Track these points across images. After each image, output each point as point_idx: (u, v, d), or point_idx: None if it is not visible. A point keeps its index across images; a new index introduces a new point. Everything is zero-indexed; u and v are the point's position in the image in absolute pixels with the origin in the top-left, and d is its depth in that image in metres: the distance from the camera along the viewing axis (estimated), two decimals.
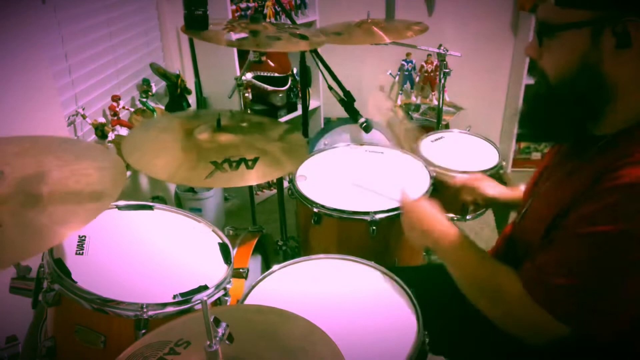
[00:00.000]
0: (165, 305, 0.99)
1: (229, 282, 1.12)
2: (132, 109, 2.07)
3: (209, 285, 1.06)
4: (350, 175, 1.60)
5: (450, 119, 2.85)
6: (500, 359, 1.01)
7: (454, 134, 2.00)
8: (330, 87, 1.55)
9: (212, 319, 0.70)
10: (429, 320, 0.99)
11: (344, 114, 1.54)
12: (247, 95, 1.70)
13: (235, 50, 2.38)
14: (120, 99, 1.95)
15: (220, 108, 2.48)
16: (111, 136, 1.84)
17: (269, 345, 0.80)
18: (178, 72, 2.30)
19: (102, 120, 1.83)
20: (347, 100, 1.51)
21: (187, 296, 1.02)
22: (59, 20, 1.66)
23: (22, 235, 0.77)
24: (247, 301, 1.07)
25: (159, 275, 1.09)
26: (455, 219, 1.78)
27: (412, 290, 1.07)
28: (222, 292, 1.09)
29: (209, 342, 0.70)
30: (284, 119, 2.76)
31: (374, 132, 1.56)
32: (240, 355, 0.76)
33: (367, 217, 1.37)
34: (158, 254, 1.15)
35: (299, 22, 2.55)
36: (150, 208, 1.30)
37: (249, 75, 1.69)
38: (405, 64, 3.04)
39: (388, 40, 1.85)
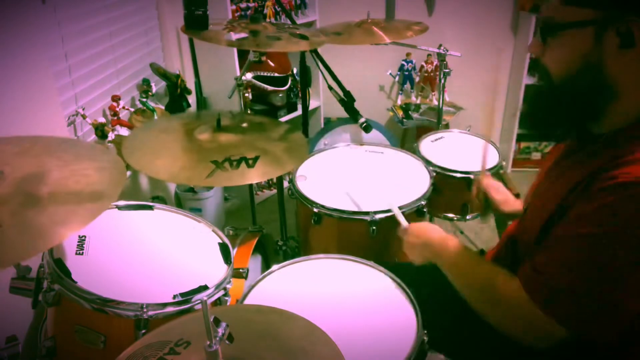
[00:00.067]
0: (165, 305, 0.99)
1: (229, 282, 1.12)
2: (132, 109, 2.07)
3: (209, 285, 1.06)
4: (350, 175, 1.59)
5: (450, 119, 2.86)
6: (500, 357, 1.01)
7: (454, 134, 2.00)
8: (330, 87, 1.55)
9: (212, 319, 0.70)
10: (428, 320, 0.99)
11: (344, 114, 1.55)
12: (247, 95, 1.70)
13: (235, 50, 2.38)
14: (120, 99, 1.95)
15: (220, 108, 2.49)
16: (111, 136, 1.84)
17: (269, 345, 0.80)
18: (178, 72, 2.30)
19: (102, 120, 1.83)
20: (347, 100, 1.51)
21: (187, 296, 1.02)
22: (59, 20, 1.66)
23: (22, 235, 0.77)
24: (247, 301, 1.07)
25: (159, 275, 1.09)
26: (455, 219, 1.78)
27: (411, 290, 1.07)
28: (222, 292, 1.09)
29: (209, 342, 0.70)
30: (284, 119, 2.76)
31: (374, 132, 1.56)
32: (240, 355, 0.76)
33: (367, 217, 1.37)
34: (158, 254, 1.15)
35: (299, 22, 2.55)
36: (150, 208, 1.30)
37: (249, 75, 1.69)
38: (405, 64, 3.04)
39: (388, 40, 1.84)
